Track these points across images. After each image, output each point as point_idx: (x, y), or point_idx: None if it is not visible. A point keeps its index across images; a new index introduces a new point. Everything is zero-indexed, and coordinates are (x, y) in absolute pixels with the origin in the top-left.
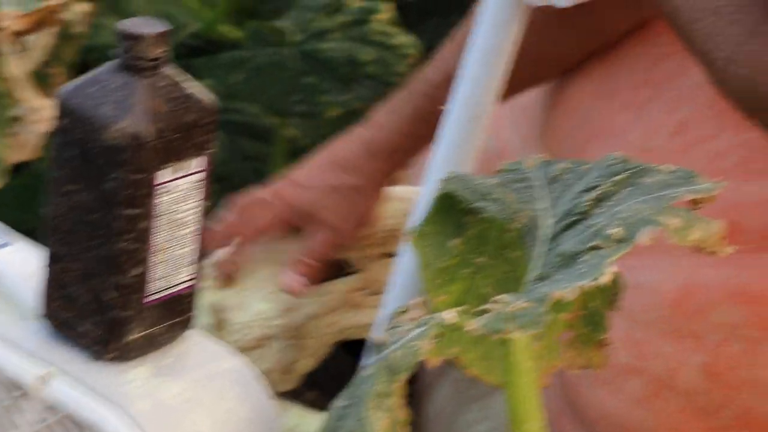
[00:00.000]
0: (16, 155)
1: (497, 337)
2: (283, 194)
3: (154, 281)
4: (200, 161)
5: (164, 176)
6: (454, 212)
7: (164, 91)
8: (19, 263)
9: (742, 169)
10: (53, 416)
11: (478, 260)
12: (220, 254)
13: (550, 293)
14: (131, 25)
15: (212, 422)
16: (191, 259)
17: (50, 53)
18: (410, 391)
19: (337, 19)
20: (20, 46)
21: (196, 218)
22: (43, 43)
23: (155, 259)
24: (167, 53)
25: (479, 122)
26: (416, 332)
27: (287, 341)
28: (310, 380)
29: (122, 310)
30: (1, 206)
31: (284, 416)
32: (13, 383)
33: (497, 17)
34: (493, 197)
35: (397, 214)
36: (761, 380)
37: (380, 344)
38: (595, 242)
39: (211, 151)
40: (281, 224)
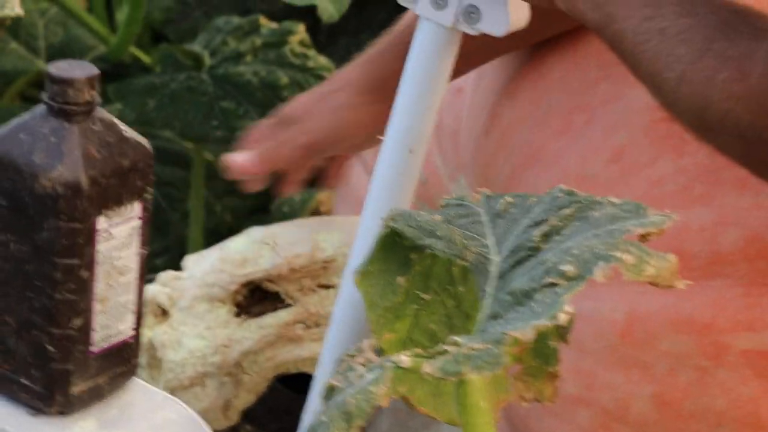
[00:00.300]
0: None
1: (454, 379)
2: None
3: (96, 331)
4: (138, 206)
5: (102, 223)
6: (399, 250)
7: (98, 135)
8: None
9: (682, 195)
10: None
11: (423, 296)
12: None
13: (506, 334)
14: (60, 68)
15: None
16: (133, 306)
17: None
18: None
19: (250, 41)
20: None
21: (136, 264)
22: None
23: (97, 308)
24: (98, 96)
25: (416, 155)
26: (371, 377)
27: (224, 378)
28: (247, 415)
29: (65, 362)
30: None
31: None
32: None
33: (431, 47)
34: (438, 234)
35: (334, 244)
36: (712, 410)
37: (331, 388)
38: (548, 279)
39: (148, 195)
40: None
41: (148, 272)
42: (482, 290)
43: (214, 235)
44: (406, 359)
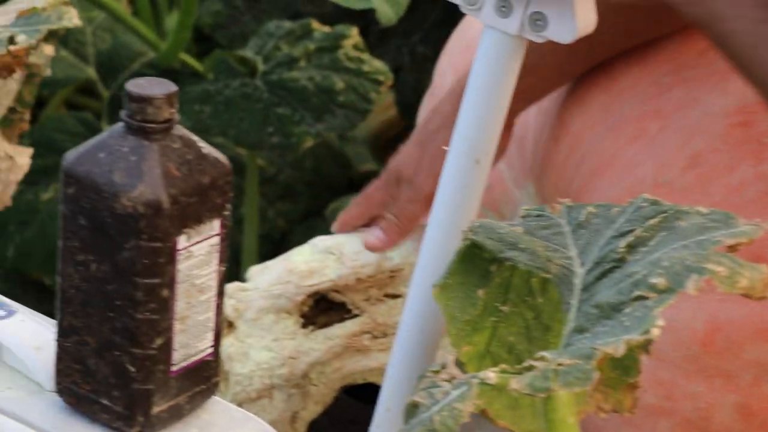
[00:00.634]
0: None
1: (542, 395)
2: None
3: (176, 350)
4: (217, 223)
5: (182, 242)
6: (478, 262)
7: (177, 153)
8: (24, 334)
9: (762, 202)
10: None
11: (502, 308)
12: None
13: (596, 349)
14: (139, 86)
15: None
16: (212, 324)
17: (15, 97)
18: None
19: (303, 45)
20: None
21: (215, 282)
22: (8, 88)
23: (177, 327)
24: (177, 113)
25: (482, 165)
26: (456, 393)
27: (291, 390)
28: (312, 425)
29: (146, 382)
30: None
31: None
32: None
33: (496, 56)
34: (521, 246)
35: (401, 253)
36: None
37: (415, 405)
38: (637, 292)
39: (227, 212)
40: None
41: None
42: (566, 303)
43: (267, 240)
44: (492, 375)
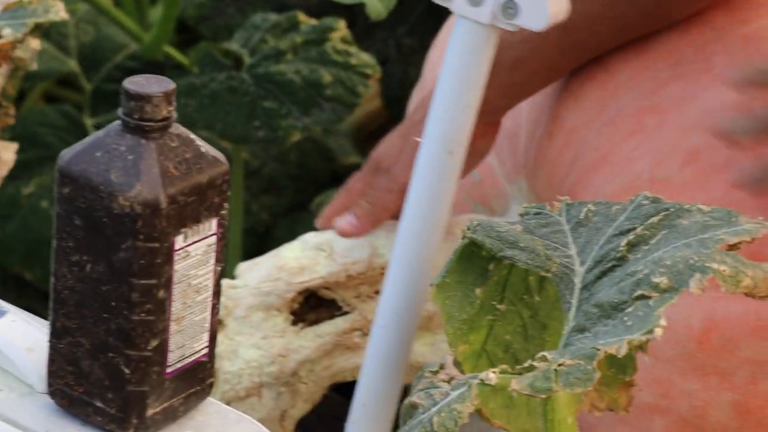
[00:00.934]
0: None
1: (543, 396)
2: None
3: (172, 351)
4: (214, 222)
5: (180, 242)
6: (476, 260)
7: (175, 151)
8: (15, 335)
9: (761, 198)
10: None
11: (499, 307)
12: None
13: (598, 349)
14: (137, 84)
15: None
16: (208, 324)
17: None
18: None
19: (290, 38)
20: None
21: (211, 282)
22: None
23: (173, 328)
24: (175, 111)
25: (455, 156)
26: (455, 394)
27: (281, 388)
28: (300, 424)
29: (140, 384)
30: None
31: None
32: None
33: (468, 46)
34: (521, 245)
35: (390, 249)
36: None
37: (413, 406)
38: (639, 292)
39: (224, 211)
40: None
41: None
42: (566, 302)
43: (250, 234)
44: (493, 376)
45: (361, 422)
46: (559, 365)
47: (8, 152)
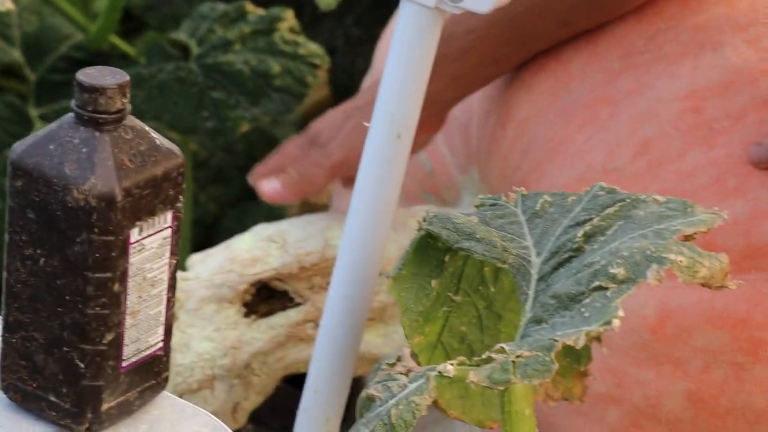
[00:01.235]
0: None
1: (501, 388)
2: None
3: (127, 345)
4: (169, 215)
5: (135, 235)
6: (433, 252)
7: (129, 144)
8: None
9: (714, 188)
10: None
11: (454, 298)
12: None
13: (556, 341)
14: (90, 76)
15: None
16: (163, 317)
17: None
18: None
19: (238, 28)
20: None
21: (166, 275)
22: None
23: (128, 322)
24: (129, 103)
25: (404, 140)
26: (413, 386)
27: (233, 381)
28: (253, 416)
29: (95, 378)
30: None
31: None
32: None
33: (414, 30)
34: (478, 237)
35: None
36: (750, 407)
37: (370, 399)
38: (596, 283)
39: (179, 204)
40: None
41: None
42: (523, 293)
43: (198, 225)
44: (451, 368)
45: (312, 408)
46: (517, 357)
47: None
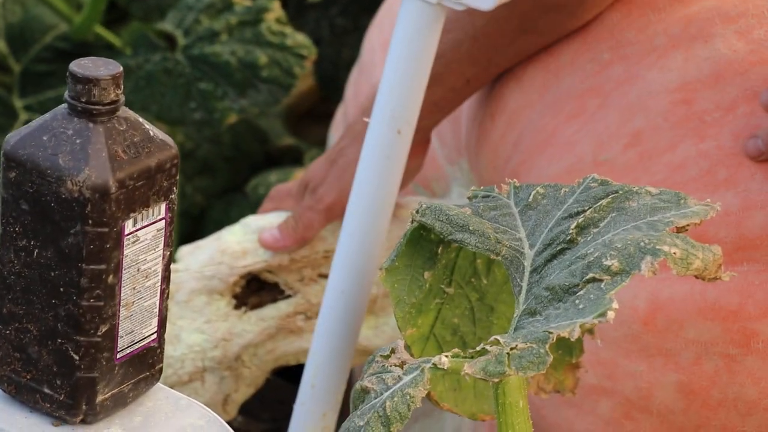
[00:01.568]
0: None
1: (496, 380)
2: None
3: (122, 337)
4: (163, 207)
5: (129, 227)
6: (425, 244)
7: (123, 135)
8: None
9: (705, 180)
10: None
11: (447, 290)
12: None
13: (551, 333)
14: (84, 67)
15: None
16: (157, 309)
17: None
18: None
19: (225, 19)
20: None
21: (160, 266)
22: None
23: (122, 314)
24: (122, 95)
25: (404, 136)
26: (408, 379)
27: (224, 373)
28: (243, 408)
29: (90, 370)
30: None
31: None
32: None
33: (415, 25)
34: (471, 228)
35: (335, 233)
36: (741, 398)
37: (365, 390)
38: (590, 274)
39: (173, 195)
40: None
41: None
42: (516, 285)
43: (185, 216)
44: (446, 360)
45: (309, 403)
46: (511, 349)
47: None
